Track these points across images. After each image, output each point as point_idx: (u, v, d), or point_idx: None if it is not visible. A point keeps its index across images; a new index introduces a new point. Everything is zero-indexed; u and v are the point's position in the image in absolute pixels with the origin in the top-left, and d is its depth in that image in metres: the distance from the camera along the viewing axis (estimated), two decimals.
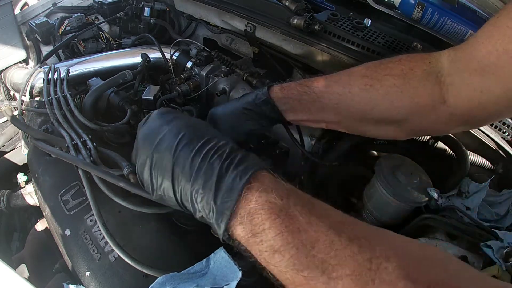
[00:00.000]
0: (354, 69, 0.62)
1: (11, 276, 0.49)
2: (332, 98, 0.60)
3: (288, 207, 0.38)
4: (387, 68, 0.58)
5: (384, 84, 0.57)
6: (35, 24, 1.12)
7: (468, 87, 0.50)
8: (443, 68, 0.54)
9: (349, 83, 0.60)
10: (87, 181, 0.65)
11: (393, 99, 0.56)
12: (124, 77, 0.93)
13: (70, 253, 0.62)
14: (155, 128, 0.48)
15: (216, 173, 0.40)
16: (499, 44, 0.45)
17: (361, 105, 0.59)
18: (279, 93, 0.65)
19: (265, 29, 0.97)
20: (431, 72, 0.54)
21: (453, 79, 0.52)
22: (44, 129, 0.79)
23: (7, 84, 1.13)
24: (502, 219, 0.72)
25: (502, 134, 0.80)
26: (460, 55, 0.52)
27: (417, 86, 0.55)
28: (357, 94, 0.58)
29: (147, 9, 1.26)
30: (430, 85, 0.54)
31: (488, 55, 0.46)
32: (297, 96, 0.63)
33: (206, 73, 0.97)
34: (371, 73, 0.59)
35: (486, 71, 0.47)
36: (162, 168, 0.43)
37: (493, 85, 0.47)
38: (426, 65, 0.55)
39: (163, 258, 0.60)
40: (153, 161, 0.44)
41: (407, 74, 0.55)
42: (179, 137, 0.44)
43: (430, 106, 0.55)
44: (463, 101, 0.52)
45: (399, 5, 0.90)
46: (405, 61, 0.57)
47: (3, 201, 0.82)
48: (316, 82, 0.62)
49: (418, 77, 0.55)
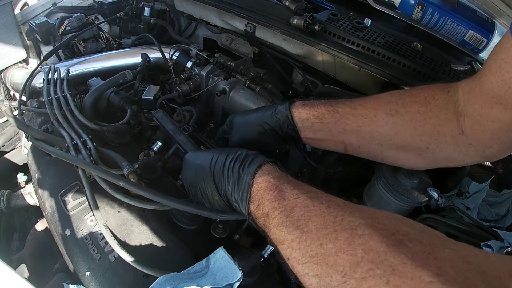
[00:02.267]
0: (380, 95, 0.62)
1: (11, 276, 0.49)
2: (356, 121, 0.61)
3: (279, 184, 0.49)
4: (411, 95, 0.59)
5: (408, 110, 0.58)
6: (35, 24, 1.12)
7: (481, 117, 0.52)
8: (459, 99, 0.55)
9: (375, 108, 0.60)
10: (87, 181, 0.65)
11: (416, 125, 0.57)
12: (124, 77, 0.93)
13: (70, 253, 0.62)
14: (193, 166, 0.61)
15: (236, 175, 0.53)
16: (501, 76, 0.48)
17: (385, 129, 0.59)
18: (301, 109, 0.65)
19: (265, 29, 0.97)
20: (450, 101, 0.56)
21: (468, 109, 0.54)
22: (44, 129, 0.79)
23: (7, 84, 1.13)
24: (502, 219, 0.72)
25: None
26: (472, 86, 0.54)
27: (438, 114, 0.56)
28: (382, 118, 0.59)
29: (147, 9, 1.26)
30: (450, 114, 0.56)
31: (493, 87, 0.49)
32: (320, 114, 0.63)
33: (206, 73, 0.97)
34: (396, 99, 0.59)
35: (494, 102, 0.50)
36: (209, 186, 0.56)
37: (502, 114, 0.50)
38: (446, 94, 0.57)
39: (163, 258, 0.59)
40: (200, 187, 0.58)
41: (429, 101, 0.57)
42: (211, 161, 0.57)
43: (450, 136, 0.56)
44: (478, 131, 0.54)
45: (399, 5, 0.90)
46: (427, 89, 0.59)
47: (3, 201, 0.82)
48: (342, 103, 0.63)
49: (439, 106, 0.56)
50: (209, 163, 0.57)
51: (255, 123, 0.68)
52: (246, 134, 0.69)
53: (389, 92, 0.62)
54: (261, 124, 0.67)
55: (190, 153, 0.65)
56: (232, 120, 0.73)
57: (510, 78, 0.47)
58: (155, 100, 0.94)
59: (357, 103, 0.62)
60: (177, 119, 0.94)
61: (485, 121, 0.52)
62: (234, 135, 0.71)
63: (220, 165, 0.56)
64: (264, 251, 0.63)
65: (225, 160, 0.55)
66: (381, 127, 0.59)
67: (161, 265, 0.55)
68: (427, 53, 0.85)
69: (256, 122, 0.68)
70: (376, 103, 0.61)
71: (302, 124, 0.64)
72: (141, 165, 0.68)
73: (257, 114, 0.69)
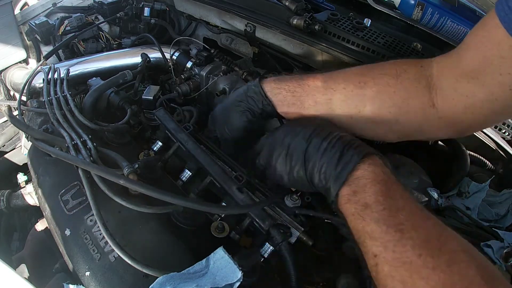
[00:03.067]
0: (351, 68, 0.64)
1: (11, 276, 0.49)
2: (326, 93, 0.61)
3: (388, 180, 0.48)
4: (382, 68, 0.60)
5: (378, 82, 0.58)
6: (35, 24, 1.12)
7: (455, 92, 0.53)
8: (432, 73, 0.56)
9: (345, 80, 0.61)
10: (87, 181, 0.65)
11: (385, 98, 0.58)
12: (124, 77, 0.93)
13: (70, 253, 0.62)
14: (289, 130, 0.59)
15: (339, 152, 0.50)
16: (480, 52, 0.48)
17: (354, 101, 0.60)
18: (272, 83, 0.65)
19: (265, 29, 0.97)
20: (423, 75, 0.56)
21: (442, 83, 0.54)
22: (44, 129, 0.79)
23: (7, 84, 1.12)
24: (502, 219, 0.72)
25: (502, 134, 0.80)
26: (448, 61, 0.54)
27: (408, 87, 0.57)
28: (351, 90, 0.60)
29: (147, 9, 1.26)
30: (421, 88, 0.56)
31: (470, 63, 0.50)
32: (291, 88, 0.64)
33: (206, 73, 0.97)
34: (366, 72, 0.60)
35: (470, 77, 0.50)
36: (297, 153, 0.54)
37: (476, 90, 0.50)
38: (418, 68, 0.57)
39: (163, 258, 0.59)
40: (289, 149, 0.56)
41: (400, 75, 0.57)
42: (312, 131, 0.55)
43: (420, 108, 0.57)
44: (450, 105, 0.54)
45: (399, 5, 0.90)
46: (399, 63, 0.59)
47: (3, 201, 0.82)
48: (312, 77, 0.64)
49: (410, 79, 0.57)
50: (309, 133, 0.55)
51: (230, 105, 0.69)
52: (225, 120, 0.70)
53: (360, 65, 0.63)
54: (236, 104, 0.68)
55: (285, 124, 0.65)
56: (212, 113, 0.75)
57: (490, 56, 0.47)
58: (155, 100, 0.94)
59: (328, 76, 0.63)
60: (177, 119, 0.94)
61: (459, 95, 0.52)
62: (217, 125, 0.73)
63: (321, 138, 0.53)
64: (264, 251, 0.63)
65: (328, 135, 0.53)
66: (350, 99, 0.60)
67: (161, 265, 0.55)
68: (427, 53, 0.85)
69: (231, 103, 0.69)
70: (346, 76, 0.62)
71: (275, 98, 0.65)
72: (141, 165, 0.68)
73: (231, 96, 0.71)
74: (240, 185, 0.66)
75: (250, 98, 0.66)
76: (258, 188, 0.69)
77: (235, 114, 0.68)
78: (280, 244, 0.60)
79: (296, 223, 0.65)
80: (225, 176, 0.68)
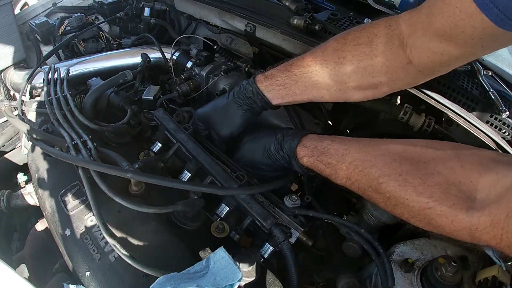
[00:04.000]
0: (325, 44, 0.68)
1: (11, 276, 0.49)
2: (312, 76, 0.68)
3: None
4: (354, 38, 0.63)
5: (355, 54, 0.63)
6: (35, 24, 1.12)
7: (430, 50, 0.56)
8: (402, 31, 0.59)
9: (325, 59, 0.66)
10: (87, 181, 0.65)
11: (365, 66, 0.63)
12: (124, 77, 0.93)
13: (70, 253, 0.62)
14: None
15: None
16: (451, 21, 0.50)
17: (338, 76, 0.66)
18: (264, 82, 0.72)
19: (265, 29, 0.96)
20: (393, 35, 0.60)
21: (414, 42, 0.57)
22: (44, 129, 0.79)
23: (7, 84, 1.12)
24: None
25: (502, 134, 0.80)
26: (418, 20, 0.56)
27: (384, 51, 0.61)
28: (333, 67, 0.65)
29: (147, 9, 1.26)
30: (395, 48, 0.60)
31: (443, 27, 0.52)
32: (281, 81, 0.71)
33: (206, 73, 0.97)
34: (341, 45, 0.65)
35: (443, 38, 0.53)
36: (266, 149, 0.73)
37: (450, 48, 0.54)
38: (388, 28, 0.60)
39: (163, 258, 0.60)
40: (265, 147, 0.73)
41: (373, 41, 0.61)
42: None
43: (399, 67, 0.61)
44: (427, 61, 0.58)
45: (399, 5, 0.90)
46: (369, 28, 0.63)
47: (3, 201, 0.82)
48: (295, 65, 0.70)
49: (383, 42, 0.61)
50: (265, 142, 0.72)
51: (231, 105, 0.75)
52: (224, 118, 0.76)
53: (333, 38, 0.67)
54: (236, 103, 0.74)
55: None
56: (200, 113, 0.81)
57: (464, 24, 0.49)
58: (155, 100, 0.94)
59: (308, 59, 0.68)
60: (177, 119, 0.94)
61: (433, 53, 0.56)
62: (211, 124, 0.78)
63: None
64: (264, 251, 0.63)
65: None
66: (335, 75, 0.66)
67: (161, 265, 0.55)
68: None
69: (231, 103, 0.75)
70: (325, 55, 0.66)
71: (270, 94, 0.72)
72: (141, 165, 0.68)
73: (229, 97, 0.76)
74: (241, 184, 0.66)
75: (249, 98, 0.73)
76: None
77: (237, 112, 0.75)
78: (282, 243, 0.60)
79: (296, 223, 0.65)
80: (226, 175, 0.68)
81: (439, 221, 0.48)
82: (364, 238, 0.63)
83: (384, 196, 0.55)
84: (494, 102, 0.76)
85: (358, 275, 0.66)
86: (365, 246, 0.63)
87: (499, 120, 0.78)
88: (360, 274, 0.67)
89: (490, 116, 0.78)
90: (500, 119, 0.78)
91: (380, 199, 0.56)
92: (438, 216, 0.48)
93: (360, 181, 0.58)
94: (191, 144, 0.73)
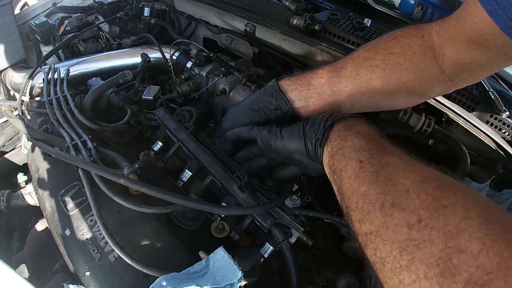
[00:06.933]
0: (354, 54, 0.66)
1: (11, 276, 0.49)
2: (341, 81, 0.64)
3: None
4: (387, 48, 0.63)
5: (388, 63, 0.62)
6: (35, 24, 1.12)
7: (459, 60, 0.57)
8: (434, 42, 0.59)
9: (356, 67, 0.64)
10: (87, 181, 0.65)
11: (399, 75, 0.62)
12: (124, 77, 0.93)
13: (70, 253, 0.62)
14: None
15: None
16: (476, 30, 0.52)
17: (371, 84, 0.63)
18: (287, 81, 0.68)
19: (265, 29, 0.97)
20: (427, 46, 0.60)
21: (446, 52, 0.58)
22: (44, 129, 0.79)
23: (7, 84, 1.12)
24: None
25: (502, 134, 0.80)
26: (448, 31, 0.58)
27: (417, 61, 0.60)
28: (365, 75, 0.63)
29: (147, 9, 1.25)
30: (428, 59, 0.60)
31: (470, 36, 0.54)
32: (305, 82, 0.66)
33: (206, 73, 0.97)
34: (373, 54, 0.63)
35: (472, 48, 0.55)
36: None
37: (479, 56, 0.55)
38: (421, 39, 0.60)
39: (163, 258, 0.59)
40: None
41: (406, 51, 0.61)
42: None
43: (432, 78, 0.61)
44: (457, 70, 0.59)
45: (399, 5, 0.90)
46: (401, 38, 0.62)
47: (3, 201, 0.82)
48: (322, 70, 0.67)
49: (417, 53, 0.60)
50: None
51: (247, 106, 0.71)
52: (239, 119, 0.72)
53: (361, 48, 0.66)
54: (253, 105, 0.70)
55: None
56: (225, 114, 0.77)
57: (485, 33, 0.51)
58: (155, 100, 0.94)
59: (338, 66, 0.66)
60: (177, 119, 0.94)
61: (464, 62, 0.57)
62: (226, 122, 0.75)
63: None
64: (264, 251, 0.63)
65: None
66: (366, 83, 0.63)
67: (161, 265, 0.55)
68: None
69: (248, 105, 0.71)
70: (356, 63, 0.64)
71: (291, 94, 0.67)
72: (141, 165, 0.68)
73: (248, 98, 0.73)
74: (241, 184, 0.66)
75: (265, 95, 0.68)
76: (258, 188, 0.69)
77: (249, 115, 0.70)
78: (281, 243, 0.60)
79: (296, 223, 0.65)
80: (226, 175, 0.68)
81: None
82: None
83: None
84: (494, 102, 0.76)
85: (358, 275, 0.66)
86: None
87: (499, 120, 0.78)
88: (360, 274, 0.67)
89: (490, 116, 0.78)
90: (500, 119, 0.78)
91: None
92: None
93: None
94: (192, 143, 0.73)
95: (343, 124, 0.56)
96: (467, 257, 0.31)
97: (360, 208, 0.43)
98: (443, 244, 0.33)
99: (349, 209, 0.46)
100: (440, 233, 0.34)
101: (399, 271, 0.35)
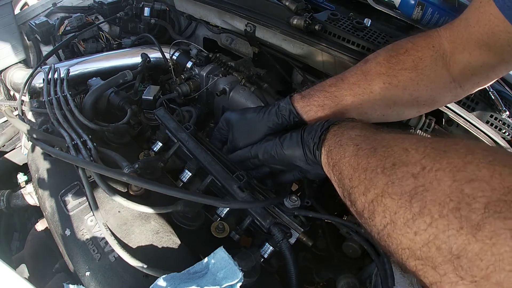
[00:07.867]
0: (367, 67, 0.65)
1: (11, 276, 0.49)
2: (355, 100, 0.64)
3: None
4: (399, 62, 0.62)
5: (400, 79, 0.62)
6: (35, 24, 1.12)
7: (470, 64, 0.57)
8: (446, 50, 0.59)
9: (369, 84, 0.63)
10: (87, 181, 0.65)
11: (411, 91, 0.62)
12: (124, 77, 0.93)
13: (70, 253, 0.61)
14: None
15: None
16: (488, 28, 0.52)
17: (383, 101, 0.64)
18: (301, 102, 0.68)
19: (265, 29, 0.97)
20: (438, 56, 0.60)
21: (456, 58, 0.58)
22: (44, 129, 0.79)
23: (7, 84, 1.12)
24: None
25: (502, 134, 0.80)
26: (458, 35, 0.58)
27: (429, 74, 0.61)
28: (378, 93, 0.63)
29: (147, 9, 1.25)
30: (439, 70, 0.60)
31: (481, 37, 0.54)
32: (319, 102, 0.66)
33: (206, 73, 0.97)
34: (386, 70, 0.63)
35: (483, 50, 0.55)
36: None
37: (490, 58, 0.55)
38: (431, 50, 0.60)
39: (163, 258, 0.59)
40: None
41: (418, 65, 0.61)
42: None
43: (443, 88, 0.62)
44: (468, 75, 0.59)
45: (399, 5, 0.90)
46: (412, 51, 0.62)
47: (3, 201, 0.82)
48: (335, 87, 0.66)
49: (428, 66, 0.60)
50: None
51: (263, 125, 0.70)
52: (249, 133, 0.72)
53: (375, 60, 0.65)
54: (269, 125, 0.69)
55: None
56: (229, 118, 0.76)
57: (499, 31, 0.51)
58: (155, 100, 0.94)
59: (351, 82, 0.65)
60: (177, 119, 0.94)
61: (474, 66, 0.57)
62: (232, 132, 0.74)
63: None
64: (264, 251, 0.63)
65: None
66: (379, 100, 0.64)
67: (161, 265, 0.55)
68: None
69: (263, 124, 0.70)
70: (368, 79, 0.64)
71: (307, 115, 0.67)
72: (141, 165, 0.68)
73: (260, 116, 0.71)
74: (241, 184, 0.66)
75: (281, 116, 0.68)
76: (257, 188, 0.70)
77: (263, 129, 0.70)
78: (281, 242, 0.60)
79: (296, 223, 0.65)
80: (226, 175, 0.68)
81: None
82: (364, 238, 0.63)
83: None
84: (494, 102, 0.76)
85: (358, 275, 0.66)
86: (365, 246, 0.63)
87: (499, 120, 0.78)
88: (360, 274, 0.67)
89: (490, 116, 0.78)
90: (500, 119, 0.78)
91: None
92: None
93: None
94: (192, 143, 0.73)
95: (339, 125, 0.57)
96: (480, 183, 0.31)
97: (362, 180, 0.43)
98: (451, 179, 0.33)
99: (352, 189, 0.45)
100: (445, 171, 0.34)
101: (412, 220, 0.34)
